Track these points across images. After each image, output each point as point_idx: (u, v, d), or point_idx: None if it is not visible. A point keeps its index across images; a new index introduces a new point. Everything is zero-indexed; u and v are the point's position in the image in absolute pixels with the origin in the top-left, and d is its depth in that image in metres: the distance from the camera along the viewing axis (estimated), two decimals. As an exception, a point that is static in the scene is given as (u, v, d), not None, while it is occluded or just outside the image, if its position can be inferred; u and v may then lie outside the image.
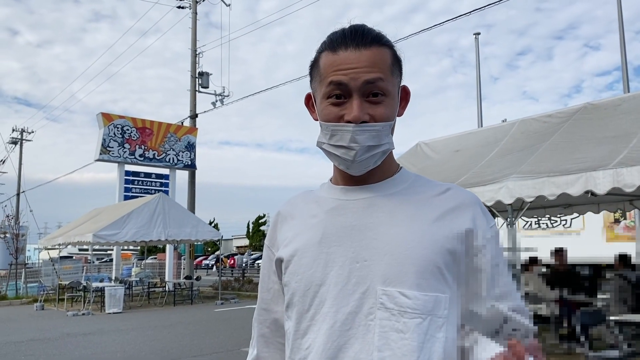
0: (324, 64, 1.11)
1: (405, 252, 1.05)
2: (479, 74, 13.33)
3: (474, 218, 1.11)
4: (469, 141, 8.25)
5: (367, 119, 1.07)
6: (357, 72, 1.06)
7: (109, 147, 21.00)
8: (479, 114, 12.75)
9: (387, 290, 1.04)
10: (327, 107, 1.10)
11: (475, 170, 6.87)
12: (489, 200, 6.07)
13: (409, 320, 1.02)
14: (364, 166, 1.10)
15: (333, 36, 1.13)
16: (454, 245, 1.08)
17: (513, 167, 6.36)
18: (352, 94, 1.07)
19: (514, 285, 1.15)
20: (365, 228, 1.10)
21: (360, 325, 1.04)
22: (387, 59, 1.10)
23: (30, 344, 9.81)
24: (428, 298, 1.04)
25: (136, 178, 22.04)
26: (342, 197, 1.15)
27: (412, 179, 1.19)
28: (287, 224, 1.22)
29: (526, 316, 1.14)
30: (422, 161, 8.32)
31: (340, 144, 1.08)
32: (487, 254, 1.11)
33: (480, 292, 1.11)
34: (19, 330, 11.77)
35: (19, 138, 41.79)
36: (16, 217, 27.42)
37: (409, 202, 1.12)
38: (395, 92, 1.13)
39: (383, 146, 1.09)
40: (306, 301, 1.10)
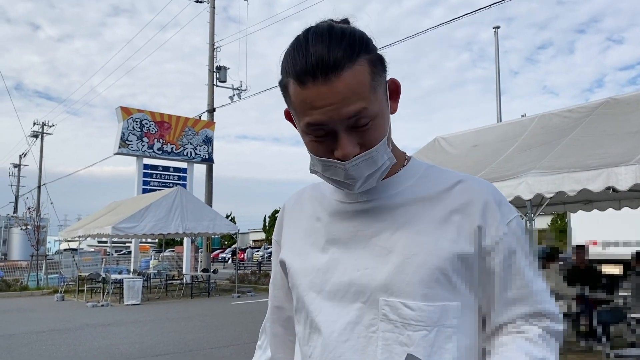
0: (294, 97, 0.95)
1: (408, 260, 0.97)
2: (498, 68, 13.20)
3: (484, 214, 1.00)
4: (488, 136, 8.18)
5: (358, 150, 0.95)
6: (335, 108, 0.91)
7: (127, 141, 21.20)
8: (498, 108, 12.63)
9: (389, 300, 0.97)
10: (311, 142, 0.98)
11: (493, 166, 6.81)
12: (507, 195, 6.01)
13: (414, 333, 0.95)
14: (366, 188, 1.02)
15: (296, 64, 0.93)
16: (463, 248, 0.99)
17: (532, 162, 6.29)
18: (335, 130, 0.94)
19: (533, 286, 1.03)
20: (368, 233, 1.03)
21: (360, 337, 0.98)
22: (364, 78, 0.92)
23: (51, 333, 9.97)
24: (433, 309, 0.96)
25: (154, 171, 22.23)
26: (345, 200, 1.08)
27: (420, 172, 1.08)
28: (293, 223, 1.17)
29: (552, 317, 1.03)
30: (439, 156, 8.26)
31: (336, 178, 0.99)
32: (500, 254, 1.00)
33: (494, 296, 1.02)
34: (40, 320, 11.97)
35: (39, 131, 42.38)
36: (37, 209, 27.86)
37: (415, 202, 1.03)
38: (383, 104, 0.98)
39: (382, 166, 0.99)
40: (309, 307, 1.05)
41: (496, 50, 13.31)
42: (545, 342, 1.00)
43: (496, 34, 13.47)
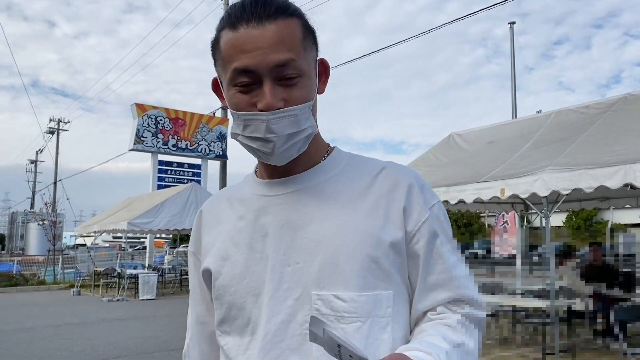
0: (225, 45, 0.96)
1: (338, 250, 0.95)
2: (513, 64, 13.09)
3: (408, 198, 1.00)
4: (503, 132, 8.12)
5: (282, 104, 0.93)
6: (263, 53, 0.92)
7: (142, 137, 21.35)
8: (514, 104, 12.53)
9: (321, 294, 0.94)
10: (236, 94, 0.96)
11: (509, 162, 6.76)
12: (523, 192, 5.98)
13: (347, 325, 0.93)
14: (286, 156, 0.98)
15: (231, 10, 0.97)
16: (392, 233, 0.97)
17: (549, 159, 6.24)
18: (261, 78, 0.93)
19: (453, 271, 1.01)
20: (295, 226, 0.99)
21: (295, 336, 0.94)
22: (297, 32, 0.95)
23: (68, 327, 10.10)
24: (366, 298, 0.94)
25: (169, 168, 22.37)
26: (268, 193, 1.04)
27: (344, 162, 1.07)
28: (213, 229, 1.10)
29: (473, 304, 1.02)
30: (454, 152, 8.23)
31: (256, 135, 0.95)
32: (423, 238, 0.99)
33: (416, 281, 1.00)
34: (57, 315, 12.12)
35: (55, 128, 42.78)
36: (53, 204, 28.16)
37: (341, 191, 1.01)
38: (312, 69, 0.99)
39: (305, 131, 0.97)
40: (244, 314, 1.00)
41: (511, 46, 13.20)
42: (464, 328, 0.98)
43: (511, 30, 13.35)
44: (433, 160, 8.23)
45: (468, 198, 6.45)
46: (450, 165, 7.80)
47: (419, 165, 8.23)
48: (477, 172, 6.84)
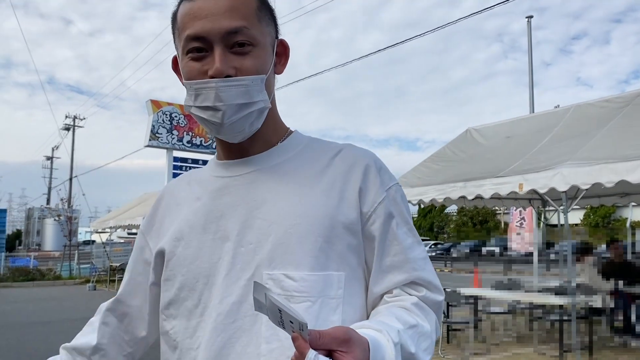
0: (180, 15, 0.97)
1: (291, 230, 0.94)
2: (531, 59, 12.93)
3: (365, 179, 0.99)
4: (521, 127, 8.03)
5: (233, 72, 0.93)
6: (215, 19, 0.93)
7: (157, 134, 21.47)
8: (531, 100, 12.38)
9: (272, 274, 0.93)
10: (188, 63, 0.96)
11: (527, 157, 6.67)
12: (542, 187, 5.89)
13: (297, 305, 0.91)
14: (236, 130, 0.97)
15: None
16: (347, 214, 0.96)
17: (568, 153, 6.15)
18: (213, 45, 0.94)
19: (409, 253, 0.99)
20: (250, 207, 0.98)
21: (247, 316, 0.93)
22: (251, 2, 0.97)
23: (84, 322, 10.01)
24: (317, 278, 0.92)
25: (184, 164, 22.46)
26: (225, 174, 1.04)
27: (303, 143, 1.07)
28: (170, 211, 1.09)
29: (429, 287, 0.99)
30: (472, 147, 8.15)
31: (206, 104, 0.94)
32: (378, 219, 0.98)
33: (372, 264, 0.99)
34: (73, 309, 12.24)
35: (71, 124, 43.20)
36: (69, 200, 28.45)
37: (297, 172, 1.01)
38: (267, 43, 0.99)
39: (256, 104, 0.96)
40: (194, 295, 0.98)
41: (529, 41, 13.04)
42: (420, 310, 0.96)
43: (529, 24, 13.19)
44: (450, 156, 8.16)
45: (486, 193, 6.38)
46: (468, 161, 7.72)
47: (435, 160, 8.16)
48: (495, 167, 6.76)
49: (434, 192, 7.03)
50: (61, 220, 22.99)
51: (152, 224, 1.12)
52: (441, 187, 6.95)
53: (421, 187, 7.30)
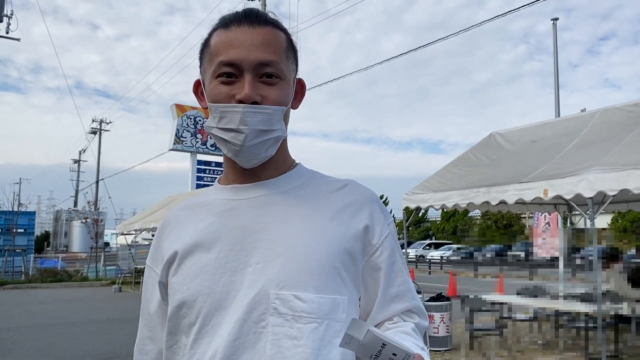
0: (214, 42, 1.03)
1: (301, 252, 0.98)
2: (556, 61, 12.75)
3: (372, 214, 1.06)
4: (546, 131, 7.92)
5: (259, 99, 0.99)
6: (250, 50, 0.99)
7: (182, 137, 21.74)
8: (557, 103, 12.21)
9: (280, 294, 0.95)
10: (217, 86, 1.01)
11: (553, 162, 6.59)
12: (567, 193, 5.81)
13: (304, 325, 0.94)
14: (254, 153, 1.01)
15: (226, 16, 1.06)
16: (352, 243, 1.02)
17: (594, 159, 6.05)
18: (243, 72, 0.99)
19: (409, 284, 1.10)
20: (258, 229, 1.01)
21: (250, 334, 0.94)
22: (282, 41, 1.05)
23: (110, 323, 10.36)
24: (324, 301, 0.96)
25: (207, 167, 22.71)
26: (234, 197, 1.06)
27: (308, 174, 1.13)
28: (172, 235, 1.10)
29: (421, 315, 1.10)
30: (495, 152, 8.07)
31: (230, 126, 0.99)
32: (385, 251, 1.06)
33: (377, 292, 1.06)
34: (99, 310, 12.45)
35: (97, 128, 43.90)
36: (96, 203, 28.92)
37: (305, 199, 1.06)
38: (291, 78, 1.06)
39: (275, 132, 1.01)
40: (192, 313, 0.99)
41: (554, 43, 12.85)
42: (418, 335, 1.05)
43: (554, 26, 13.02)
44: (473, 160, 8.09)
45: (510, 199, 6.32)
46: (492, 165, 7.65)
47: (458, 165, 8.11)
48: (519, 172, 6.69)
49: (457, 197, 6.98)
50: (88, 223, 23.40)
51: (157, 255, 1.12)
52: (464, 192, 6.90)
53: (444, 192, 7.26)
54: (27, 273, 21.28)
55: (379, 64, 14.50)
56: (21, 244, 23.12)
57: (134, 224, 18.53)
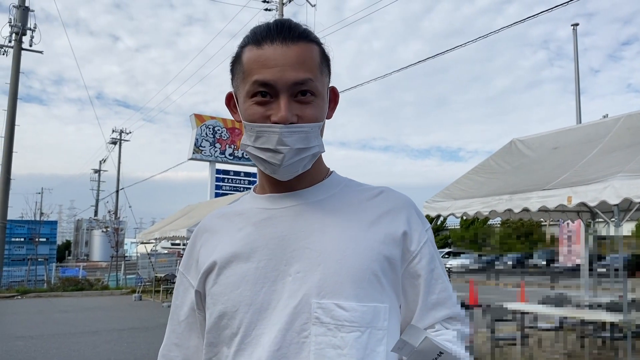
0: (247, 60, 1.02)
1: (341, 261, 0.97)
2: (577, 67, 12.61)
3: (409, 220, 1.06)
4: (568, 138, 7.82)
5: (295, 120, 0.98)
6: (284, 70, 0.98)
7: (201, 147, 21.90)
8: (578, 109, 12.06)
9: (322, 303, 0.95)
10: (252, 106, 1.00)
11: (576, 169, 6.50)
12: (592, 200, 5.72)
13: (347, 334, 0.93)
14: (292, 171, 1.01)
15: (257, 30, 1.04)
16: (390, 250, 1.01)
17: (619, 165, 5.95)
18: (279, 93, 0.99)
19: (450, 290, 1.09)
20: (296, 238, 1.01)
21: (292, 344, 0.94)
22: (315, 56, 1.03)
23: (131, 332, 10.41)
24: (366, 309, 0.96)
25: (226, 176, 22.83)
26: (270, 207, 1.06)
27: (343, 183, 1.12)
28: (209, 243, 1.09)
29: (462, 321, 1.09)
30: (517, 159, 7.99)
31: (267, 146, 0.98)
32: (424, 258, 1.05)
33: (418, 299, 1.05)
34: (120, 319, 12.53)
35: (118, 138, 44.44)
36: (116, 212, 29.21)
37: (342, 208, 1.05)
38: (325, 92, 1.06)
39: (313, 149, 1.01)
40: (234, 323, 0.99)
41: (575, 49, 12.72)
42: (461, 343, 1.03)
43: (574, 32, 12.88)
44: (494, 167, 8.01)
45: (533, 206, 6.23)
46: (513, 172, 7.57)
47: (479, 172, 8.04)
48: (541, 179, 6.61)
49: (478, 205, 6.91)
50: (108, 232, 23.62)
51: (191, 262, 1.12)
52: (486, 200, 6.83)
53: (465, 199, 7.19)
54: (50, 282, 21.54)
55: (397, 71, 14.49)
56: (43, 253, 23.41)
57: (154, 233, 18.65)
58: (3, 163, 20.76)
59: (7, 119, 20.92)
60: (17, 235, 24.98)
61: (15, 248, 24.27)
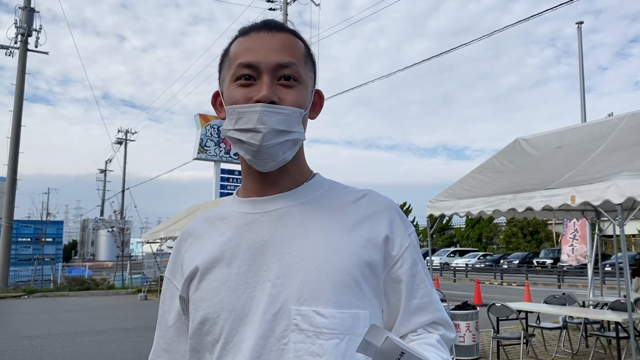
0: (233, 49, 1.05)
1: (321, 267, 0.96)
2: (582, 65, 12.54)
3: (391, 224, 1.04)
4: (572, 137, 7.81)
5: (277, 100, 0.98)
6: (267, 53, 1.00)
7: (206, 147, 21.96)
8: (582, 107, 12.01)
9: (301, 309, 0.94)
10: (235, 89, 1.01)
11: (580, 168, 6.49)
12: (595, 199, 5.71)
13: (326, 341, 0.92)
14: (271, 155, 0.99)
15: (245, 26, 1.07)
16: (372, 255, 1.00)
17: (623, 164, 5.94)
18: (262, 74, 1.00)
19: (433, 295, 1.07)
20: (277, 243, 1.00)
21: (273, 351, 0.93)
22: (300, 47, 1.06)
23: (136, 331, 10.46)
24: (345, 316, 0.94)
25: (231, 176, 22.87)
26: (252, 211, 1.05)
27: (327, 185, 1.11)
28: (192, 248, 1.09)
29: (446, 326, 1.07)
30: (521, 158, 7.98)
31: (247, 126, 0.98)
32: (406, 263, 1.03)
33: (400, 304, 1.03)
34: (126, 318, 12.59)
35: (123, 138, 44.60)
36: (121, 212, 29.33)
37: (324, 211, 1.04)
38: (309, 84, 1.06)
39: (293, 134, 1.00)
40: (216, 329, 0.98)
41: (579, 47, 12.66)
42: (443, 347, 1.01)
43: (579, 30, 12.82)
44: (498, 167, 8.01)
45: (536, 206, 6.23)
46: (517, 172, 7.56)
47: (483, 171, 8.03)
48: (545, 178, 6.60)
49: (482, 204, 6.91)
50: (114, 232, 23.72)
51: (177, 267, 1.12)
52: (490, 199, 6.82)
53: (469, 199, 7.19)
54: (56, 281, 21.65)
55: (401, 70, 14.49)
56: (50, 253, 23.53)
57: (159, 232, 18.71)
58: (9, 163, 20.88)
59: (13, 120, 21.06)
60: (23, 235, 25.12)
61: (21, 248, 24.41)
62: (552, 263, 31.39)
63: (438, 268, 35.20)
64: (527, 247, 43.40)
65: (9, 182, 20.77)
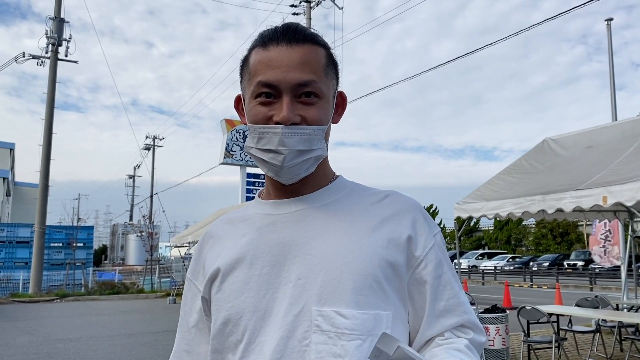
0: (253, 61, 1.03)
1: (342, 267, 0.95)
2: (611, 63, 12.26)
3: (414, 225, 1.03)
4: (603, 136, 7.65)
5: (298, 120, 0.98)
6: (288, 71, 0.98)
7: (232, 151, 22.14)
8: (613, 105, 11.74)
9: (322, 310, 0.94)
10: (255, 107, 1.01)
11: (611, 168, 6.35)
12: (628, 200, 5.58)
13: (348, 342, 0.91)
14: (294, 173, 1.00)
15: (264, 32, 1.05)
16: (394, 255, 0.99)
17: (656, 163, 5.80)
18: (282, 94, 0.98)
19: (460, 297, 1.04)
20: (298, 244, 1.00)
21: (294, 352, 0.93)
22: (321, 58, 1.03)
23: (166, 334, 10.57)
24: (367, 317, 0.93)
25: (256, 180, 23.00)
26: (273, 212, 1.06)
27: (349, 187, 1.10)
28: (214, 250, 1.10)
29: (475, 329, 1.03)
30: (550, 159, 7.85)
31: (268, 147, 0.98)
32: (430, 263, 1.01)
33: (425, 306, 1.01)
34: (155, 322, 12.75)
35: (151, 144, 45.26)
36: (150, 217, 29.74)
37: (345, 212, 1.03)
38: (330, 96, 1.04)
39: (315, 152, 1.00)
40: (238, 330, 0.99)
41: (609, 44, 12.38)
42: (471, 351, 0.98)
43: (608, 27, 12.55)
44: (527, 167, 7.89)
45: (567, 207, 6.11)
46: (546, 172, 7.44)
47: (511, 172, 7.92)
48: (575, 179, 6.48)
49: (511, 206, 6.81)
50: (143, 236, 24.05)
51: (198, 268, 1.13)
52: (519, 201, 6.73)
53: (497, 200, 7.10)
54: (87, 285, 22.05)
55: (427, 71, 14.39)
56: (81, 258, 23.96)
57: (187, 236, 18.92)
58: (41, 170, 21.36)
59: (44, 128, 21.54)
60: (55, 240, 25.62)
61: (54, 253, 24.89)
62: (583, 265, 30.78)
63: (466, 271, 34.80)
64: (557, 249, 42.65)
65: (41, 188, 21.24)
